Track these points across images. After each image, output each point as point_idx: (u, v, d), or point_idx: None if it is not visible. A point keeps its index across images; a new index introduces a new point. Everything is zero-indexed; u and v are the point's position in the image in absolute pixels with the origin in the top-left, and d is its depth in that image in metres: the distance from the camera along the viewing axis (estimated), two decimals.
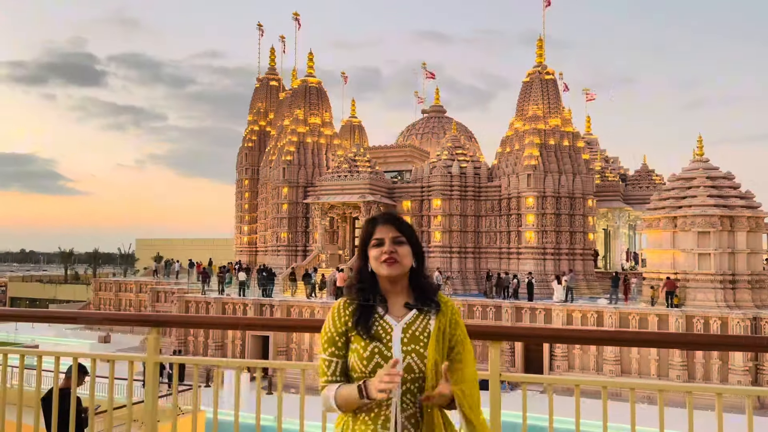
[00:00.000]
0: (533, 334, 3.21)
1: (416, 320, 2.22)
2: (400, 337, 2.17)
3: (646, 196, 38.33)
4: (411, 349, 2.15)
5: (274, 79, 49.53)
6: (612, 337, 3.23)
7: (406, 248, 2.26)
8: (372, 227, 2.30)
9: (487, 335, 3.15)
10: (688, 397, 2.90)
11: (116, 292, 44.32)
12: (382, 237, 2.25)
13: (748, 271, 26.75)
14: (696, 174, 28.31)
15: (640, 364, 26.45)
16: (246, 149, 47.85)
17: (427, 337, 2.18)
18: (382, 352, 2.14)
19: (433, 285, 2.33)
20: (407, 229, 2.31)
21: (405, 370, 2.13)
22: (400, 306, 2.26)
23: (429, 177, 36.72)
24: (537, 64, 36.63)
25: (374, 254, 2.25)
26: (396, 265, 2.22)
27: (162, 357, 3.10)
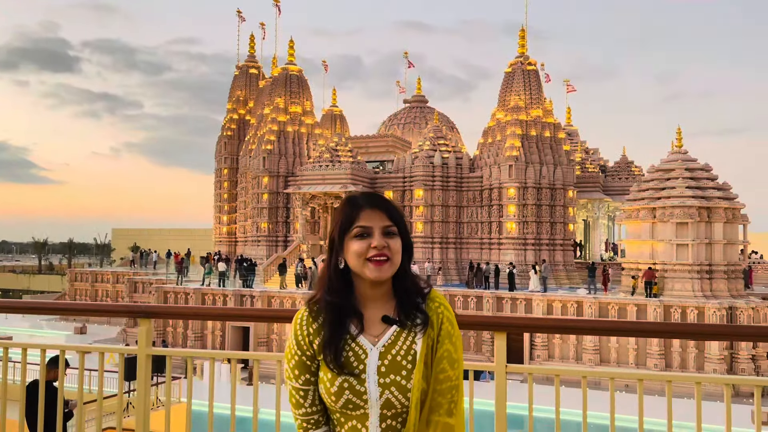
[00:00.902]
0: (539, 324, 3.14)
1: (398, 340, 1.74)
2: (377, 366, 1.70)
3: (626, 188, 38.74)
4: (390, 381, 1.69)
5: (253, 67, 48.90)
6: (615, 327, 3.16)
7: (398, 242, 1.76)
8: (354, 211, 1.77)
9: (493, 326, 3.06)
10: (667, 386, 2.87)
11: (92, 282, 43.60)
12: (369, 226, 1.74)
13: (724, 262, 27.19)
14: (675, 165, 28.63)
15: (618, 353, 26.79)
16: (225, 138, 47.25)
17: (412, 362, 1.71)
18: (353, 387, 1.69)
19: (421, 290, 1.81)
20: (399, 216, 1.80)
21: (383, 406, 1.69)
22: (377, 320, 1.77)
23: (411, 167, 36.65)
24: (519, 54, 36.66)
25: (357, 248, 1.72)
26: (387, 266, 1.73)
27: (154, 349, 2.96)
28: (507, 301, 29.12)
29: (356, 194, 1.84)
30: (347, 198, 1.83)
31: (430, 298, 1.80)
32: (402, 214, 1.83)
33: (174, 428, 11.82)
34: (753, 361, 25.30)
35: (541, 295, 28.65)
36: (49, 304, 3.18)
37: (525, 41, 36.84)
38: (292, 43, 42.20)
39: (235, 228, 45.55)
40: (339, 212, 1.81)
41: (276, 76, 42.14)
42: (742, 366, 25.00)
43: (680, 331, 3.60)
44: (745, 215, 28.19)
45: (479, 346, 29.47)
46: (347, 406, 1.70)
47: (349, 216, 1.77)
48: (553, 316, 27.03)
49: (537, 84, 36.29)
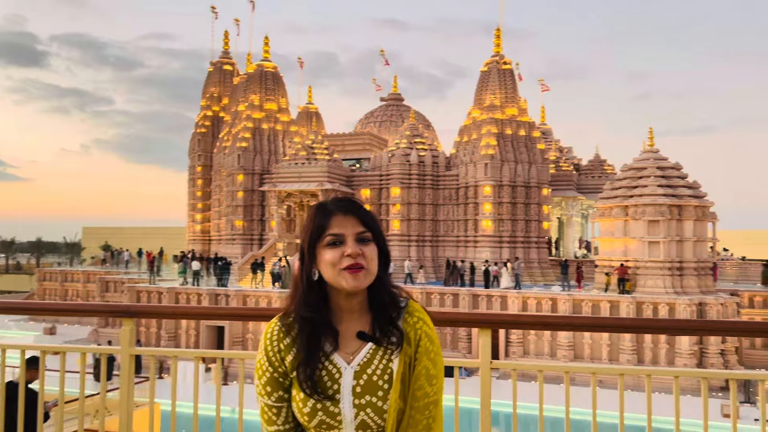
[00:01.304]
0: (522, 321, 3.14)
1: (373, 358, 1.65)
2: (351, 386, 1.62)
3: (599, 186, 39.29)
4: (366, 403, 1.61)
5: (228, 64, 48.37)
6: (595, 323, 3.19)
7: (373, 248, 1.66)
8: (325, 218, 1.67)
9: (479, 323, 3.05)
10: (647, 380, 2.91)
11: (62, 282, 42.74)
12: (341, 233, 1.64)
13: (694, 259, 27.74)
14: (647, 164, 29.11)
15: (592, 349, 27.17)
16: (199, 135, 46.63)
17: (389, 381, 1.63)
18: (327, 408, 1.61)
19: (397, 302, 1.72)
20: (373, 222, 1.70)
21: (359, 427, 1.62)
22: (352, 336, 1.68)
23: (388, 165, 36.65)
24: (495, 53, 36.90)
25: (330, 258, 1.63)
26: (363, 274, 1.62)
27: (138, 349, 2.88)
28: (483, 298, 29.32)
29: (326, 200, 1.74)
30: (317, 205, 1.73)
31: (408, 312, 1.72)
32: (376, 219, 1.73)
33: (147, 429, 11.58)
34: (722, 356, 25.89)
35: (516, 292, 28.91)
36: (32, 304, 3.07)
37: (500, 41, 37.10)
38: (267, 40, 41.85)
39: (209, 226, 45.03)
40: (309, 220, 1.71)
41: (251, 73, 41.75)
42: (712, 360, 25.56)
43: (673, 327, 3.64)
44: (714, 213, 28.81)
45: (455, 343, 29.64)
46: (321, 426, 1.63)
47: (319, 223, 1.67)
48: (529, 313, 27.29)
49: (512, 83, 36.58)
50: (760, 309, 29.69)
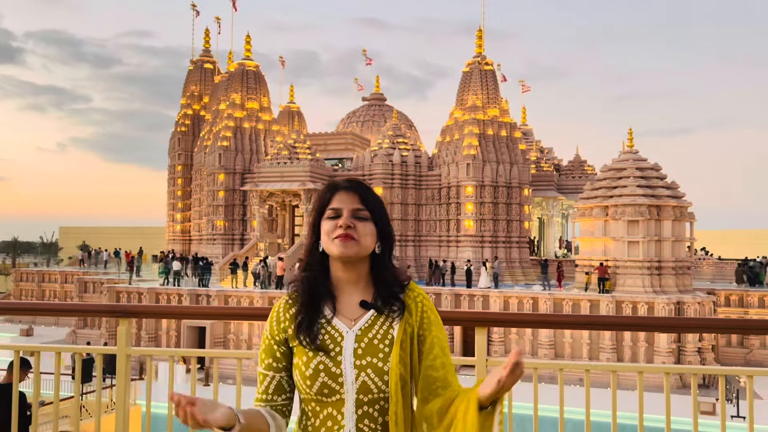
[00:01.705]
0: (519, 319, 3.16)
1: (374, 324, 1.74)
2: (353, 348, 1.69)
3: (579, 186, 39.70)
4: (366, 364, 1.68)
5: (208, 62, 47.99)
6: (599, 322, 3.23)
7: (369, 226, 1.77)
8: (329, 194, 1.81)
9: (474, 321, 3.07)
10: (639, 377, 2.97)
11: (39, 282, 42.00)
12: (339, 207, 1.76)
13: (672, 258, 28.16)
14: (626, 165, 29.48)
15: (572, 348, 27.45)
16: (179, 134, 46.19)
17: (389, 345, 1.70)
18: (329, 369, 1.67)
19: (400, 277, 1.82)
20: (374, 202, 1.81)
21: (360, 391, 1.66)
22: (354, 304, 1.78)
23: (370, 165, 36.65)
24: (476, 54, 37.09)
25: (326, 228, 1.76)
26: (351, 243, 1.72)
27: (134, 349, 2.85)
28: (465, 297, 29.46)
29: (337, 179, 1.87)
30: (328, 182, 1.87)
31: (409, 288, 1.82)
32: (380, 201, 1.83)
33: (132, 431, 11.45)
34: (699, 354, 26.33)
35: (497, 291, 29.10)
36: (30, 305, 3.03)
37: (482, 41, 37.29)
38: (249, 38, 41.58)
39: (190, 226, 44.62)
40: (318, 196, 1.85)
41: (232, 72, 41.45)
42: (689, 358, 25.98)
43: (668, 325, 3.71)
44: (692, 213, 29.29)
45: None
46: (322, 391, 1.68)
47: (325, 199, 1.81)
48: (511, 312, 27.48)
49: (494, 84, 36.81)
50: (736, 307, 30.25)
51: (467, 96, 36.71)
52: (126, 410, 2.89)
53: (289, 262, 31.23)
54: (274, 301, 18.98)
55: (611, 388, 3.01)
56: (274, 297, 28.68)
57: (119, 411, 2.82)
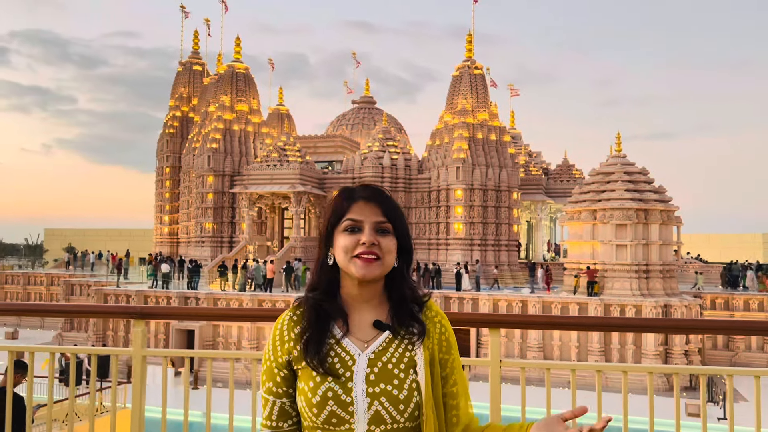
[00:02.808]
0: (531, 321, 3.22)
1: (389, 347, 1.57)
2: (365, 374, 1.52)
3: (567, 190, 40.04)
4: (380, 391, 1.51)
5: (197, 64, 47.80)
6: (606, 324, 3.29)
7: (392, 241, 1.60)
8: (346, 202, 1.62)
9: (487, 323, 3.12)
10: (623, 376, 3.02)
11: (24, 285, 41.52)
12: (360, 219, 1.58)
13: (660, 262, 28.46)
14: (614, 169, 29.77)
15: (561, 350, 27.63)
16: (167, 136, 45.94)
17: (405, 371, 1.55)
18: (338, 396, 1.50)
19: (418, 297, 1.67)
20: (396, 213, 1.64)
21: (372, 421, 1.50)
22: (366, 324, 1.61)
23: (360, 168, 36.69)
24: (466, 58, 37.30)
25: (345, 243, 1.57)
26: (375, 265, 1.56)
27: (149, 350, 2.86)
28: (454, 300, 29.57)
29: (353, 185, 1.71)
30: (343, 188, 1.69)
31: (427, 307, 1.68)
32: (401, 212, 1.66)
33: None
34: (686, 356, 26.63)
35: (486, 294, 29.25)
36: (37, 305, 3.03)
37: (472, 46, 37.51)
38: (239, 41, 41.49)
39: (177, 228, 44.36)
40: (331, 202, 1.67)
41: (222, 74, 41.32)
42: (676, 360, 26.26)
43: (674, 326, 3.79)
44: (678, 217, 29.64)
45: None
46: (330, 420, 1.50)
47: (340, 207, 1.62)
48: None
49: (483, 88, 37.03)
50: (722, 310, 30.65)
51: (457, 100, 36.89)
52: (141, 413, 2.90)
53: (278, 265, 31.13)
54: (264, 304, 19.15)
55: (596, 388, 3.05)
56: (264, 300, 28.59)
57: (135, 414, 2.83)
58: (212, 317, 2.63)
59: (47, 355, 2.99)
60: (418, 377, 1.56)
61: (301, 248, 34.33)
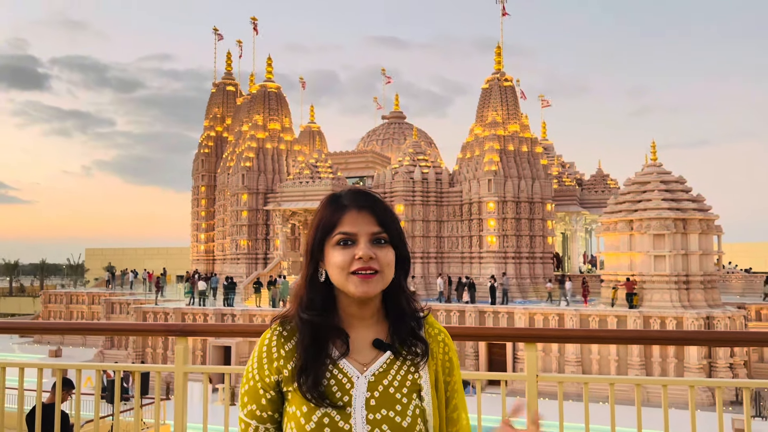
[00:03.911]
0: (569, 335, 3.19)
1: (390, 369, 1.44)
2: (365, 399, 1.39)
3: (602, 200, 39.40)
4: (381, 418, 1.38)
5: (230, 84, 48.83)
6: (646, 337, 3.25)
7: (390, 252, 1.45)
8: (337, 213, 1.46)
9: (523, 338, 3.12)
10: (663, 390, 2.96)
11: (67, 304, 42.63)
12: (353, 232, 1.43)
13: (700, 272, 27.73)
14: (650, 178, 29.22)
15: (600, 364, 27.05)
16: (202, 155, 46.95)
17: (408, 395, 1.41)
18: (335, 423, 1.36)
19: (416, 312, 1.52)
20: (391, 220, 1.48)
21: None
22: (365, 344, 1.47)
23: (391, 183, 36.80)
24: (496, 71, 37.23)
25: (339, 259, 1.42)
26: (375, 280, 1.42)
27: (192, 367, 2.94)
28: (489, 314, 29.27)
29: (341, 192, 1.52)
30: (329, 196, 1.51)
31: (428, 324, 1.54)
32: (396, 218, 1.51)
33: None
34: (731, 369, 25.77)
35: (522, 308, 28.86)
36: (86, 325, 3.14)
37: (501, 58, 37.45)
38: (270, 61, 42.30)
39: (213, 246, 45.09)
40: (319, 213, 1.49)
41: (254, 93, 42.11)
42: (720, 374, 25.43)
43: (720, 339, 3.71)
44: (718, 226, 28.89)
45: (462, 361, 29.51)
46: None
47: (330, 219, 1.46)
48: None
49: (514, 100, 36.87)
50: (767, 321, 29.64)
51: (487, 112, 36.80)
52: (183, 429, 2.97)
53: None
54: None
55: (636, 402, 2.99)
56: None
57: (177, 430, 2.90)
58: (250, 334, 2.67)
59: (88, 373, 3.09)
60: (424, 403, 1.44)
61: None
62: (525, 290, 34.04)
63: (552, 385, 3.06)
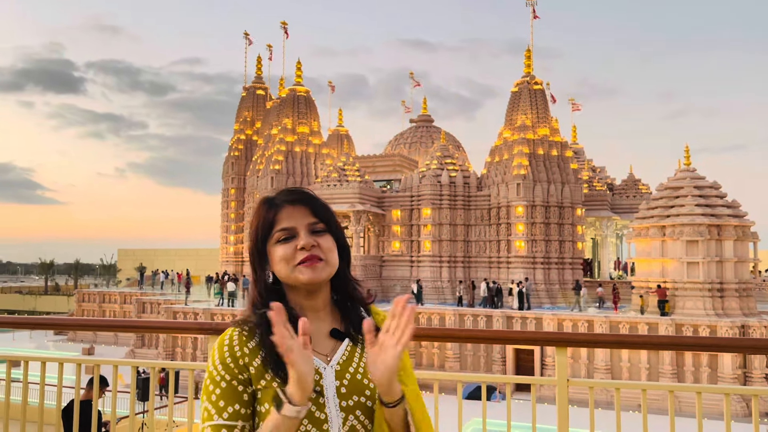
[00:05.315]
0: (599, 340, 3.16)
1: (352, 357, 1.48)
2: (335, 387, 1.43)
3: (633, 206, 38.76)
4: (354, 404, 1.43)
5: (260, 88, 49.41)
6: (677, 342, 3.20)
7: (330, 239, 1.50)
8: (271, 212, 1.50)
9: (554, 341, 3.10)
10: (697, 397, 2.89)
11: (100, 303, 43.57)
12: (292, 226, 1.48)
13: (735, 280, 27.07)
14: (684, 183, 28.67)
15: (630, 372, 26.58)
16: (232, 158, 47.58)
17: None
18: (312, 414, 1.39)
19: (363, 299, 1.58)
20: (325, 210, 1.54)
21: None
22: (323, 335, 1.50)
23: (419, 186, 36.76)
24: (525, 74, 36.95)
25: (282, 254, 1.46)
26: (321, 266, 1.46)
27: None
28: (517, 320, 29.00)
29: (272, 193, 1.59)
30: (262, 199, 1.55)
31: (373, 311, 1.60)
32: (330, 210, 1.55)
33: None
34: (767, 380, 25.09)
35: (551, 313, 28.55)
36: (123, 322, 3.23)
37: (531, 61, 37.16)
38: (300, 65, 42.67)
39: (242, 248, 45.60)
40: (255, 217, 1.53)
41: (284, 97, 42.54)
42: (756, 384, 24.77)
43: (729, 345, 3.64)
44: (755, 233, 28.15)
45: (489, 366, 29.31)
46: None
47: (266, 219, 1.50)
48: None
49: (543, 103, 36.54)
50: None
51: (516, 116, 36.54)
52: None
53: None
54: None
55: (669, 410, 2.94)
56: None
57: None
58: None
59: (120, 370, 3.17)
60: None
61: (361, 266, 34.60)
62: (554, 296, 33.63)
63: (581, 392, 3.04)
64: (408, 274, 36.14)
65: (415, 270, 36.11)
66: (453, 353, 29.73)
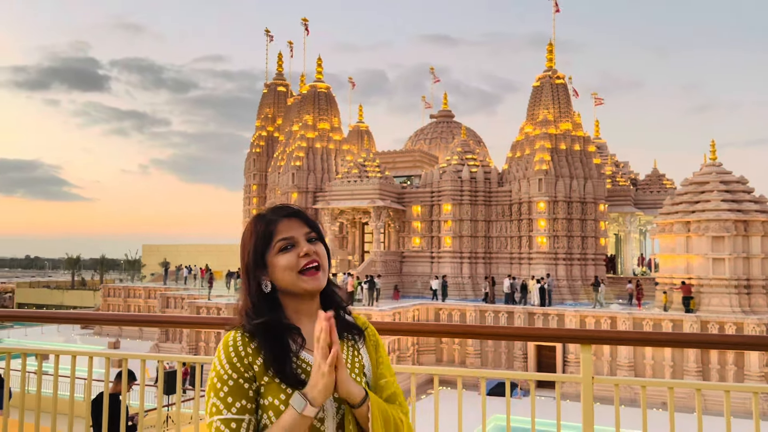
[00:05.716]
0: (624, 337, 3.13)
1: (344, 353, 1.65)
2: None
3: (658, 201, 38.25)
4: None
5: (281, 85, 49.66)
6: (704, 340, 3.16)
7: (323, 248, 1.67)
8: (270, 225, 1.64)
9: (578, 339, 3.08)
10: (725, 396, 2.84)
11: (125, 297, 44.27)
12: (291, 236, 1.62)
13: (762, 276, 26.58)
14: (709, 178, 28.19)
15: (654, 369, 26.28)
16: (254, 155, 47.94)
17: (359, 374, 1.64)
18: None
19: (343, 303, 1.75)
20: (314, 222, 1.71)
21: (339, 426, 1.58)
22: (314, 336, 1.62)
23: (439, 182, 36.66)
24: (547, 68, 36.59)
25: (286, 262, 1.60)
26: (320, 274, 1.62)
27: None
28: (539, 316, 28.82)
29: (262, 211, 1.71)
30: (255, 216, 1.70)
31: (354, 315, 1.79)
32: (318, 223, 1.77)
33: None
34: None
35: (573, 310, 28.31)
36: (148, 317, 3.29)
37: (553, 55, 36.78)
38: (320, 61, 42.77)
39: None
40: (251, 232, 1.66)
41: (304, 94, 42.69)
42: None
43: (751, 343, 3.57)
44: None
45: (511, 363, 29.19)
46: None
47: (264, 232, 1.63)
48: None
49: (566, 98, 36.15)
50: None
51: (538, 110, 36.22)
52: None
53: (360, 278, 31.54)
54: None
55: (696, 408, 2.90)
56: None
57: None
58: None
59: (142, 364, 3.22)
60: (367, 379, 1.67)
61: (381, 263, 34.64)
62: (576, 292, 33.34)
63: (604, 389, 3.02)
64: (428, 270, 36.09)
65: (435, 266, 36.04)
66: (474, 349, 29.66)
